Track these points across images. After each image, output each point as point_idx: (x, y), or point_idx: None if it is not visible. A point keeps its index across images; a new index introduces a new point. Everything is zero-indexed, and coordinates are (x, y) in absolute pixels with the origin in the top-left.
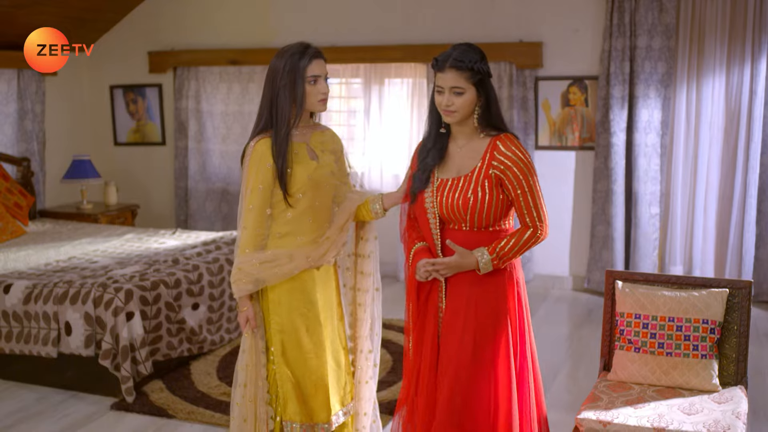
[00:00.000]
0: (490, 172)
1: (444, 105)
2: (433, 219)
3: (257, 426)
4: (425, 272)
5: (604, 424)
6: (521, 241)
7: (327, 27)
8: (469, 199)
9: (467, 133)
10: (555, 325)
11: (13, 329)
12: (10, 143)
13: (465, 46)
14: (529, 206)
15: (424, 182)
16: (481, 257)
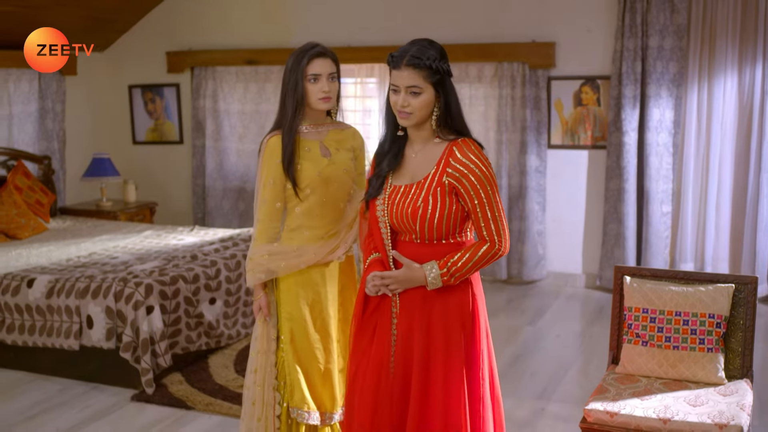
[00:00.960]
0: (443, 179)
1: (399, 106)
2: (384, 229)
3: (264, 410)
4: (374, 286)
5: (611, 415)
6: (476, 256)
7: (342, 27)
8: (419, 207)
9: (424, 137)
10: (567, 322)
11: (36, 323)
12: (32, 142)
13: (425, 43)
14: (487, 218)
15: (377, 189)
16: (430, 272)
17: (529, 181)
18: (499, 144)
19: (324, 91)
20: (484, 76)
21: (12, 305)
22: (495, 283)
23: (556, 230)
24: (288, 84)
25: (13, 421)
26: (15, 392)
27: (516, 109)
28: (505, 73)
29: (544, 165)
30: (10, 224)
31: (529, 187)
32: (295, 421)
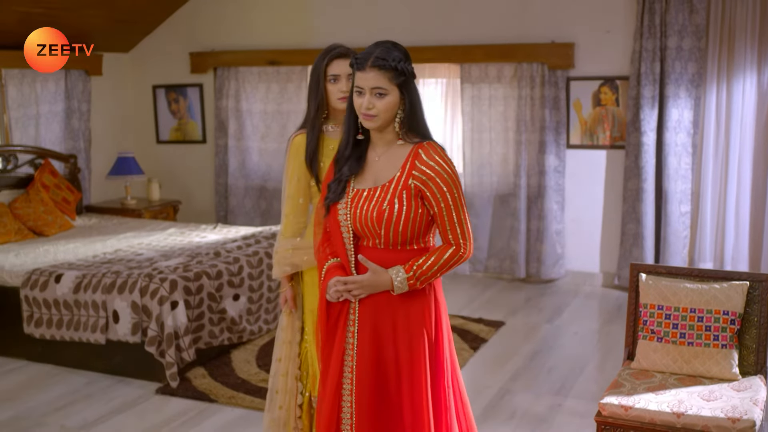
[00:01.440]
0: (409, 182)
1: (364, 108)
2: (346, 233)
3: (287, 398)
4: (336, 292)
5: (626, 409)
6: (442, 260)
7: (363, 28)
8: (384, 211)
9: (387, 140)
10: (585, 320)
11: (64, 317)
12: (58, 141)
13: (389, 44)
14: (453, 222)
15: (339, 193)
16: (396, 276)
17: (548, 180)
18: (518, 144)
19: (342, 91)
20: (504, 77)
21: (40, 300)
22: (513, 282)
23: (574, 229)
24: (311, 84)
25: (42, 411)
26: (44, 384)
27: (535, 109)
28: (524, 74)
29: (563, 165)
30: (38, 221)
31: (547, 186)
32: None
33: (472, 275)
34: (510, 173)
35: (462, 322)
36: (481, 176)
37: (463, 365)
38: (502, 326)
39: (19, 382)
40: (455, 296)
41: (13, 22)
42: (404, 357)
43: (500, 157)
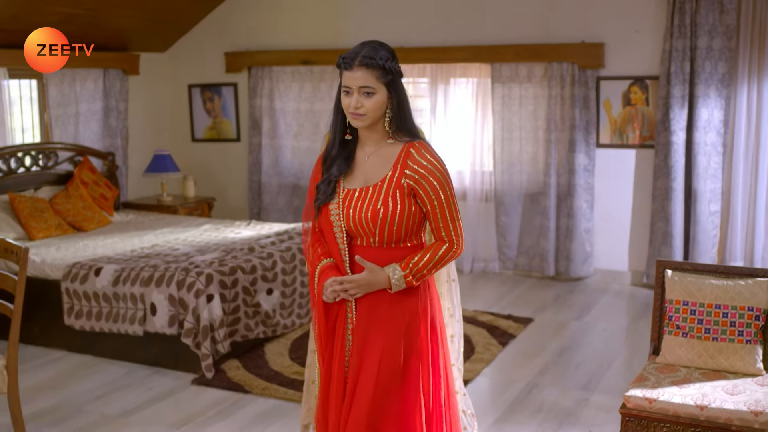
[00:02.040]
0: (402, 181)
1: (352, 107)
2: (339, 233)
3: None
4: (332, 292)
5: (650, 402)
6: (437, 257)
7: (395, 28)
8: (379, 210)
9: (376, 139)
10: (613, 318)
11: (103, 309)
12: (97, 139)
13: (375, 44)
14: (446, 219)
15: (330, 194)
16: (393, 274)
17: (578, 179)
18: (548, 143)
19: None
20: (534, 76)
21: (81, 292)
22: (543, 280)
23: (603, 228)
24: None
25: (83, 399)
26: (84, 374)
27: (565, 108)
28: (554, 73)
29: (592, 164)
30: (77, 217)
31: (577, 185)
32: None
33: (501, 273)
34: (540, 172)
35: (491, 319)
36: (511, 175)
37: (492, 360)
38: (531, 323)
39: (60, 372)
40: (485, 293)
41: (54, 23)
42: (401, 354)
43: (530, 156)
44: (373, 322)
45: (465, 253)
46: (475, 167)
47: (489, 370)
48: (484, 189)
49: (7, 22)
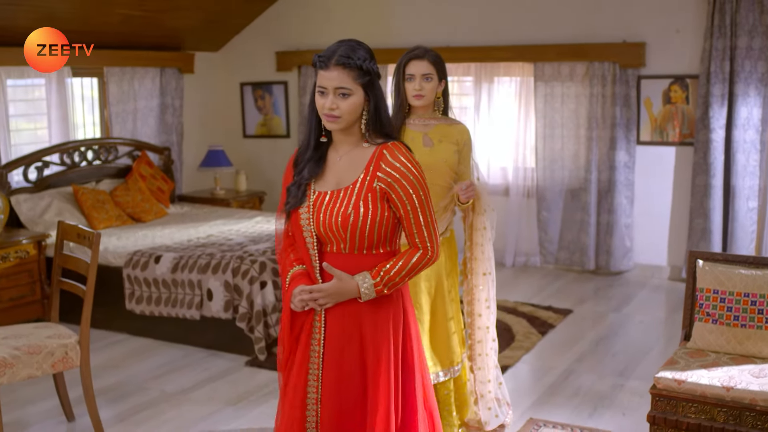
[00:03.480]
0: (374, 184)
1: (327, 108)
2: (310, 239)
3: None
4: (300, 301)
5: (679, 383)
6: (409, 264)
7: (441, 28)
8: (350, 215)
9: (351, 142)
10: (651, 310)
11: (162, 295)
12: (153, 134)
13: (353, 43)
14: (420, 224)
15: (300, 198)
16: (363, 282)
17: (618, 175)
18: (589, 140)
19: (416, 89)
20: (576, 75)
21: (141, 279)
22: (583, 274)
23: (643, 224)
24: (395, 81)
25: (144, 378)
26: (144, 356)
27: (606, 106)
28: (596, 72)
29: (633, 161)
30: (136, 208)
31: (617, 181)
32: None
33: (543, 267)
34: (581, 168)
35: (531, 310)
36: (552, 171)
37: (531, 348)
38: (570, 314)
39: (122, 353)
40: (526, 286)
41: (115, 23)
42: (372, 366)
43: (572, 153)
44: (343, 334)
45: (507, 247)
46: (518, 164)
47: (528, 357)
48: (527, 185)
49: (71, 22)
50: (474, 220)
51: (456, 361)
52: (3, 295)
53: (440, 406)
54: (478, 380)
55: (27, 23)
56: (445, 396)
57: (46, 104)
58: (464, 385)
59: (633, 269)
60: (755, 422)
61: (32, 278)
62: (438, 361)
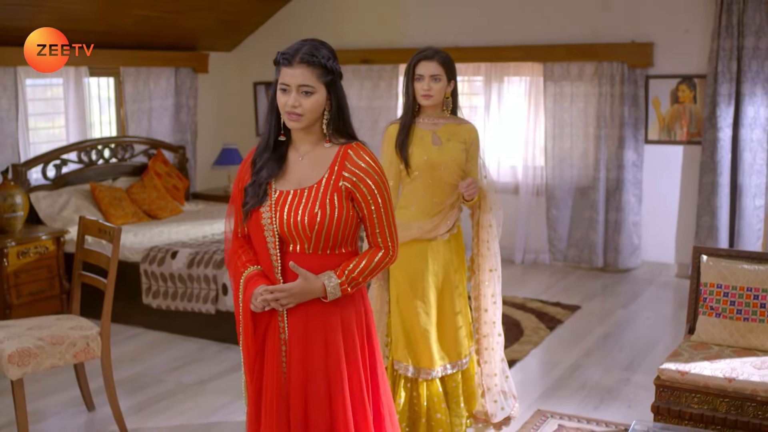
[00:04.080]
0: (340, 183)
1: (289, 106)
2: (271, 238)
3: None
4: (263, 301)
5: (682, 374)
6: (372, 264)
7: (451, 29)
8: (316, 214)
9: (312, 141)
10: (658, 307)
11: (179, 289)
12: (168, 133)
13: (317, 42)
14: (382, 224)
15: (261, 197)
16: (329, 282)
17: (626, 174)
18: (597, 139)
19: (425, 89)
20: (585, 75)
21: (158, 274)
22: (591, 271)
23: (651, 222)
24: (405, 81)
25: (161, 370)
26: (160, 349)
27: (615, 106)
28: (605, 72)
29: (641, 159)
30: (152, 205)
31: (626, 180)
32: (398, 373)
33: (552, 264)
34: (590, 167)
35: (540, 306)
36: (561, 169)
37: (539, 342)
38: (578, 310)
39: (139, 346)
40: (535, 283)
41: (131, 24)
42: (337, 365)
43: (580, 152)
44: (307, 334)
45: (517, 245)
46: (528, 162)
47: (536, 351)
48: (536, 183)
49: (90, 23)
50: (480, 218)
51: (464, 354)
52: (23, 290)
53: (449, 398)
54: (484, 373)
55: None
56: (453, 388)
57: (63, 103)
58: (472, 378)
59: (641, 266)
60: (756, 412)
61: (51, 273)
62: (445, 354)
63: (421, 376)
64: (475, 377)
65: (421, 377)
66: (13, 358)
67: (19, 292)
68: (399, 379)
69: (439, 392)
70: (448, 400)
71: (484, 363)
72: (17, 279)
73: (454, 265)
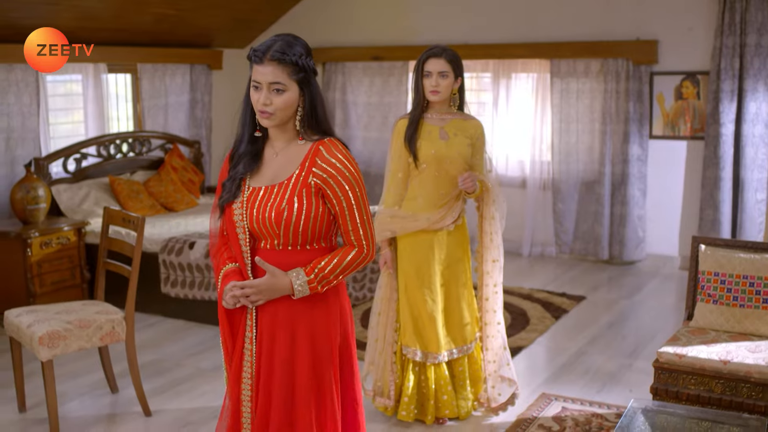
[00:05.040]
0: (309, 180)
1: (260, 104)
2: (242, 234)
3: (384, 346)
4: (232, 297)
5: (679, 357)
6: (345, 262)
7: (460, 26)
8: (283, 210)
9: (287, 138)
10: (661, 298)
11: (196, 279)
12: (184, 128)
13: (290, 38)
14: (355, 222)
15: (234, 192)
16: (296, 279)
17: (631, 168)
18: (603, 134)
19: (432, 86)
20: (591, 72)
21: (176, 264)
22: (597, 264)
23: (655, 215)
24: (414, 77)
25: (179, 356)
26: (178, 336)
27: (620, 102)
28: (610, 69)
29: (645, 154)
30: (168, 198)
31: (630, 174)
32: (407, 357)
33: (558, 257)
34: (595, 161)
35: (546, 296)
36: (568, 164)
37: (545, 331)
38: (583, 300)
39: (158, 334)
40: (542, 274)
41: (149, 22)
42: (307, 366)
43: (586, 147)
44: (275, 332)
45: (524, 238)
46: (535, 157)
47: (542, 339)
48: (543, 177)
49: (108, 21)
50: (484, 210)
51: (469, 339)
52: (46, 279)
53: (455, 381)
54: (486, 360)
55: (67, 22)
56: (460, 372)
57: (82, 99)
58: (477, 363)
59: (645, 259)
60: (750, 393)
61: (72, 263)
62: (451, 339)
63: (428, 360)
64: (481, 363)
65: (428, 361)
66: (44, 340)
67: (42, 281)
68: (408, 363)
69: (445, 375)
70: (454, 383)
71: (486, 350)
72: (40, 269)
73: (457, 255)
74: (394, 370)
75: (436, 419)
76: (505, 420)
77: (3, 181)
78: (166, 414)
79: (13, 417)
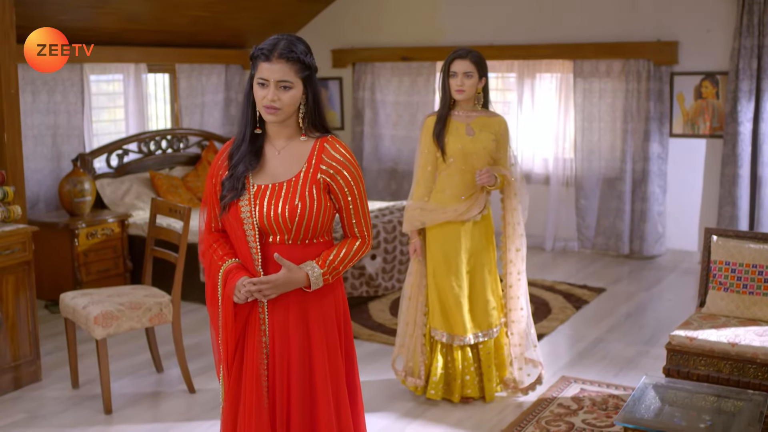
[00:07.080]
0: (318, 176)
1: (268, 100)
2: (251, 231)
3: (415, 329)
4: (246, 293)
5: (690, 339)
6: (351, 253)
7: (486, 28)
8: (297, 206)
9: (287, 134)
10: (680, 290)
11: None
12: (218, 126)
13: (293, 38)
14: (359, 215)
15: (239, 190)
16: (312, 272)
17: (652, 166)
18: (624, 132)
19: (458, 85)
20: (613, 72)
21: None
22: (617, 258)
23: (675, 211)
24: (442, 77)
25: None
26: None
27: (641, 101)
28: (631, 69)
29: (665, 152)
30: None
31: (651, 171)
32: (435, 339)
33: (580, 251)
34: (617, 159)
35: (568, 288)
36: (590, 161)
37: (566, 320)
38: (604, 292)
39: (197, 320)
40: (564, 268)
41: (185, 24)
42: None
43: (608, 145)
44: (288, 324)
45: (547, 233)
46: (558, 155)
47: (563, 327)
48: (566, 174)
49: (148, 22)
50: (506, 202)
51: (494, 324)
52: (92, 268)
53: (482, 364)
54: (512, 344)
55: (109, 24)
56: (487, 355)
57: (123, 97)
58: (502, 347)
59: (665, 254)
60: (756, 373)
61: (116, 253)
62: (476, 324)
63: (455, 342)
64: (505, 347)
65: (455, 343)
66: (98, 319)
67: (89, 269)
68: (436, 345)
69: (469, 357)
70: (481, 366)
71: (511, 334)
72: (86, 258)
73: (483, 244)
74: (423, 351)
75: (462, 398)
76: (526, 400)
77: (50, 175)
78: (207, 393)
79: (67, 393)
